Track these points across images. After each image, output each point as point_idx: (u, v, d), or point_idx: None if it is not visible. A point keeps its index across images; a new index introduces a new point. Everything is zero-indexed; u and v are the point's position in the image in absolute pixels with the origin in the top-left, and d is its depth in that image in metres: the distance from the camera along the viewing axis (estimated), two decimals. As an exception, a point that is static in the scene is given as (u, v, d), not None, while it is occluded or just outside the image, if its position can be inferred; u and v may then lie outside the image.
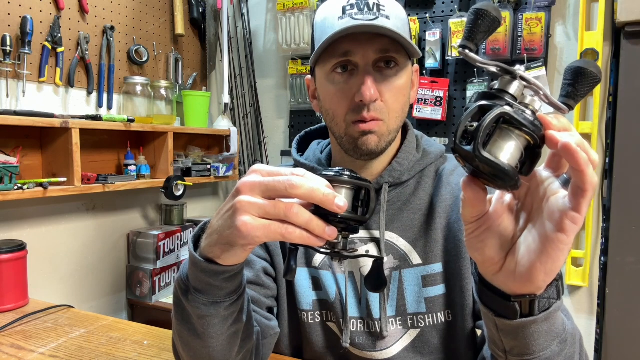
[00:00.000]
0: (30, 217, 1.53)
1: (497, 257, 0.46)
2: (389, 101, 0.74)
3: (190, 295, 0.57)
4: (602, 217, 1.64)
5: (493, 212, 0.46)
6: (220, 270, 0.54)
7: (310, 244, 0.48)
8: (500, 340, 0.50)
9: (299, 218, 0.46)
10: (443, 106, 1.84)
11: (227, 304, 0.58)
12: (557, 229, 0.40)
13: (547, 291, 0.46)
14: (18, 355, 0.98)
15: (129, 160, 1.75)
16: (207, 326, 0.59)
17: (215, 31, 2.28)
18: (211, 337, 0.60)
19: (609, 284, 1.55)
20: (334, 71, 0.74)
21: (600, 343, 1.61)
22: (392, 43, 0.72)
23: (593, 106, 1.62)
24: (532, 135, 0.39)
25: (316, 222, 0.47)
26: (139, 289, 1.83)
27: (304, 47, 2.07)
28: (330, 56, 0.73)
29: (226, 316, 0.59)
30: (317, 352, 0.82)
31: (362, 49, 0.71)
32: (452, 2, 1.81)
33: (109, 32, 1.75)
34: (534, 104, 0.41)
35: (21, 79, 1.48)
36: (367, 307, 0.79)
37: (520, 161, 0.40)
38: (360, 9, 0.71)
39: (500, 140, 0.39)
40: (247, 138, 2.25)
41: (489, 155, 0.37)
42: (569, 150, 0.38)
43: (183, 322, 0.61)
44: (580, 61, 0.42)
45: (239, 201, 0.48)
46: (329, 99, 0.76)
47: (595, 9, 1.62)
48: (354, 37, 0.71)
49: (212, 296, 0.57)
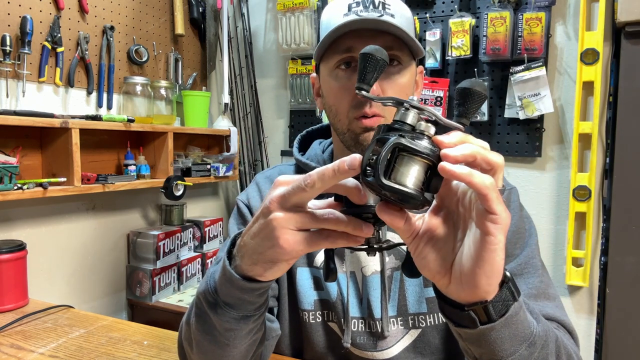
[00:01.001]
0: (30, 217, 1.53)
1: (442, 270, 0.47)
2: None
3: (219, 310, 0.57)
4: (602, 217, 1.64)
5: (427, 228, 0.48)
6: (257, 287, 0.54)
7: (351, 245, 0.48)
8: (468, 348, 0.51)
9: (337, 224, 0.46)
10: (443, 106, 1.84)
11: (256, 317, 0.59)
12: (483, 232, 0.42)
13: (499, 295, 0.47)
14: (18, 355, 0.98)
15: (129, 160, 1.75)
16: (232, 338, 0.59)
17: (215, 31, 2.28)
18: (234, 347, 0.60)
19: (609, 284, 1.55)
20: (337, 67, 0.75)
21: (600, 343, 1.61)
22: (395, 41, 0.72)
23: (593, 106, 1.62)
24: (428, 158, 0.42)
25: (353, 223, 0.47)
26: (139, 289, 1.83)
27: (304, 47, 2.07)
28: (334, 52, 0.74)
29: (252, 328, 0.59)
30: (317, 352, 0.81)
31: (365, 44, 0.72)
32: (452, 2, 1.81)
33: (108, 32, 1.75)
34: (429, 129, 0.45)
35: (21, 79, 1.47)
36: (368, 307, 0.79)
37: (424, 182, 0.43)
38: (366, 7, 0.71)
39: (401, 167, 0.43)
40: (247, 138, 2.25)
41: (390, 183, 0.41)
42: (446, 172, 0.41)
43: (205, 333, 0.61)
44: (467, 81, 0.46)
45: (274, 218, 0.47)
46: (332, 95, 0.77)
47: (595, 8, 1.62)
48: (358, 34, 0.72)
49: (243, 310, 0.57)
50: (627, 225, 1.51)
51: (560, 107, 1.72)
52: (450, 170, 0.41)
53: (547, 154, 1.75)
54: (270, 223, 0.48)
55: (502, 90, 1.76)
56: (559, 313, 0.72)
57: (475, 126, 1.82)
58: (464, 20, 1.74)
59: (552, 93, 1.70)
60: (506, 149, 1.78)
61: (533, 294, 0.74)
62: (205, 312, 0.59)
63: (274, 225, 0.47)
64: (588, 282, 1.67)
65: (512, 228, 0.78)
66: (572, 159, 1.67)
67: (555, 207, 1.75)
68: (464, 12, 1.77)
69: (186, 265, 1.93)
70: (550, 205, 1.76)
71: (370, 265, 0.80)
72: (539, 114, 1.68)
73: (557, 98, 1.72)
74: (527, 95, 1.68)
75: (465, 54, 1.75)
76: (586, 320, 1.71)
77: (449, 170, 0.41)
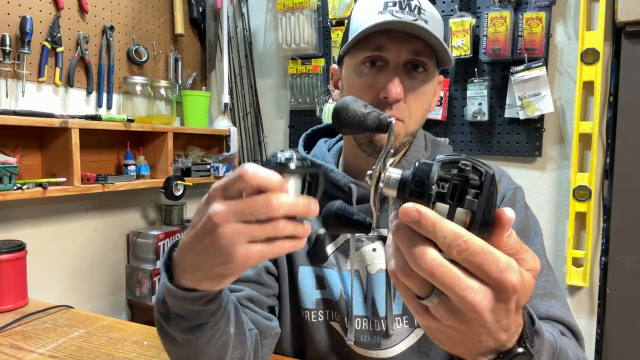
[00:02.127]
0: (30, 217, 1.53)
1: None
2: (411, 104, 0.74)
3: (171, 321, 0.56)
4: (602, 217, 1.64)
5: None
6: (200, 295, 0.52)
7: (296, 248, 0.47)
8: None
9: (286, 231, 0.45)
10: (443, 106, 1.84)
11: (212, 324, 0.56)
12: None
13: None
14: (17, 355, 0.98)
15: (129, 160, 1.75)
16: (193, 346, 0.58)
17: (215, 31, 2.27)
18: (199, 354, 0.59)
19: (610, 284, 1.55)
20: (363, 64, 0.74)
21: (601, 343, 1.61)
22: (426, 47, 0.72)
23: (593, 106, 1.62)
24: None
25: (300, 227, 0.46)
26: (139, 289, 1.83)
27: (304, 47, 2.07)
28: (364, 48, 0.73)
29: (212, 334, 0.57)
30: (320, 352, 0.81)
31: (396, 46, 0.72)
32: (452, 2, 1.81)
33: (108, 31, 1.75)
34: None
35: (21, 79, 1.47)
36: (372, 305, 0.79)
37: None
38: (402, 8, 0.71)
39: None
40: (247, 138, 2.25)
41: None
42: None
43: (168, 342, 0.60)
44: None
45: (224, 235, 0.44)
46: (353, 91, 0.76)
47: (595, 8, 1.62)
48: (390, 34, 0.71)
49: (194, 320, 0.55)
50: (627, 225, 1.51)
51: (561, 107, 1.72)
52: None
53: (547, 154, 1.75)
54: (219, 240, 0.44)
55: (502, 90, 1.76)
56: (565, 314, 0.72)
57: (475, 126, 1.82)
58: (464, 20, 1.74)
59: (552, 93, 1.70)
60: (506, 149, 1.78)
61: (539, 294, 0.74)
62: (161, 323, 0.58)
63: (224, 243, 0.44)
64: (588, 282, 1.66)
65: (517, 227, 0.78)
66: (572, 159, 1.67)
67: (555, 207, 1.75)
68: (464, 11, 1.76)
69: (186, 265, 1.93)
70: (550, 205, 1.76)
71: (376, 263, 0.80)
72: (539, 114, 1.68)
73: (557, 98, 1.72)
74: (527, 95, 1.68)
75: (466, 53, 1.74)
76: (586, 320, 1.71)
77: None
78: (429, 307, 0.39)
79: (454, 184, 0.38)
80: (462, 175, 0.38)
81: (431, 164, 0.39)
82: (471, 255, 0.36)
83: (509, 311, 0.38)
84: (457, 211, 0.38)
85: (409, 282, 0.39)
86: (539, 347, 0.46)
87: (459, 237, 0.36)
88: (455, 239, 0.36)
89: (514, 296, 0.37)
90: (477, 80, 1.77)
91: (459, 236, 0.36)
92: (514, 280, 0.36)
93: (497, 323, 0.38)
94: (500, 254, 0.37)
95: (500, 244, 0.38)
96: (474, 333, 0.39)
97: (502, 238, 0.38)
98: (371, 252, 0.80)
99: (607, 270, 1.56)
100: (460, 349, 0.42)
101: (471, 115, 1.78)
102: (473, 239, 0.36)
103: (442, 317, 0.39)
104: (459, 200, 0.38)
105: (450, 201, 0.38)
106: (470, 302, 0.36)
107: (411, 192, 0.39)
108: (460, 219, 0.38)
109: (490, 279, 0.36)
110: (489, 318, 0.37)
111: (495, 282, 0.36)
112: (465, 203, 0.37)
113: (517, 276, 0.36)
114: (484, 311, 0.36)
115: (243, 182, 0.44)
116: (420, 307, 0.40)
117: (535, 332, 0.46)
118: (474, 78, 1.78)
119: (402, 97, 0.72)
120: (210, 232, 0.45)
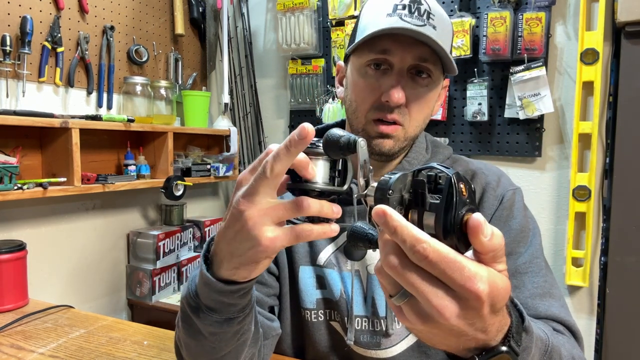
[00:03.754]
0: (30, 217, 1.53)
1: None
2: (412, 110, 0.74)
3: (201, 314, 0.56)
4: (602, 217, 1.64)
5: None
6: (237, 288, 0.53)
7: (326, 235, 0.48)
8: None
9: (309, 209, 0.46)
10: (443, 106, 1.84)
11: (240, 318, 0.58)
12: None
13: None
14: (18, 355, 0.98)
15: (129, 160, 1.75)
16: (218, 341, 0.58)
17: (215, 31, 2.28)
18: (221, 349, 0.60)
19: (609, 284, 1.55)
20: (368, 65, 0.74)
21: (601, 343, 1.61)
22: (432, 54, 0.72)
23: (593, 106, 1.62)
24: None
25: (324, 204, 0.47)
26: (139, 289, 1.83)
27: (304, 47, 2.07)
28: (369, 50, 0.73)
29: (238, 329, 0.59)
30: (319, 351, 0.81)
31: (401, 51, 0.72)
32: (452, 2, 1.81)
33: (108, 32, 1.75)
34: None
35: (21, 79, 1.47)
36: (372, 305, 0.79)
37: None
38: (411, 12, 0.70)
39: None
40: (247, 138, 2.25)
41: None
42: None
43: (192, 336, 0.60)
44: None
45: (249, 218, 0.46)
46: (356, 91, 0.77)
47: (595, 8, 1.62)
48: (396, 38, 0.71)
49: (225, 313, 0.56)
50: (627, 225, 1.51)
51: (560, 107, 1.72)
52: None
53: (547, 154, 1.75)
54: (246, 224, 0.46)
55: (502, 90, 1.76)
56: (564, 313, 0.73)
57: (475, 126, 1.82)
58: (464, 20, 1.74)
59: (552, 93, 1.70)
60: (506, 149, 1.78)
61: (538, 293, 0.74)
62: (188, 316, 0.59)
63: (251, 225, 0.46)
64: (588, 282, 1.67)
65: (516, 227, 0.78)
66: (572, 159, 1.67)
67: (555, 207, 1.75)
68: (464, 12, 1.77)
69: (186, 265, 1.93)
70: (550, 205, 1.76)
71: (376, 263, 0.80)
72: (539, 114, 1.68)
73: (557, 98, 1.72)
74: (527, 95, 1.68)
75: (465, 54, 1.75)
76: (586, 320, 1.71)
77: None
78: (401, 307, 0.40)
79: (414, 190, 0.40)
80: (418, 179, 0.40)
81: (395, 173, 0.42)
82: (432, 262, 0.36)
83: (482, 316, 0.38)
84: (425, 215, 0.39)
85: (381, 279, 0.41)
86: (528, 344, 0.47)
87: (418, 242, 0.36)
88: (415, 244, 0.36)
89: (484, 303, 0.37)
90: (477, 80, 1.77)
91: (418, 241, 0.36)
92: (479, 289, 0.36)
93: (470, 326, 0.38)
94: (467, 262, 0.36)
95: (483, 249, 0.37)
96: (450, 335, 0.39)
97: (481, 242, 0.37)
98: (371, 252, 0.80)
99: (606, 270, 1.56)
100: (442, 346, 0.42)
101: (471, 116, 1.78)
102: (435, 246, 0.36)
103: (412, 319, 0.39)
104: (422, 205, 0.39)
105: (416, 207, 0.40)
106: (435, 306, 0.36)
107: (375, 199, 0.42)
108: (427, 224, 0.39)
109: (455, 285, 0.36)
110: (458, 323, 0.37)
111: (460, 290, 0.36)
112: (428, 206, 0.39)
113: (484, 285, 0.36)
114: (450, 316, 0.37)
115: (272, 161, 0.45)
116: (395, 306, 0.41)
117: (524, 329, 0.46)
118: (474, 78, 1.78)
119: (403, 102, 0.72)
120: (238, 217, 0.47)
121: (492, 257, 0.38)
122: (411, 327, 0.41)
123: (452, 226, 0.37)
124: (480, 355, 0.41)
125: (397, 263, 0.37)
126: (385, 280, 0.40)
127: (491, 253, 0.38)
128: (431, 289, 0.37)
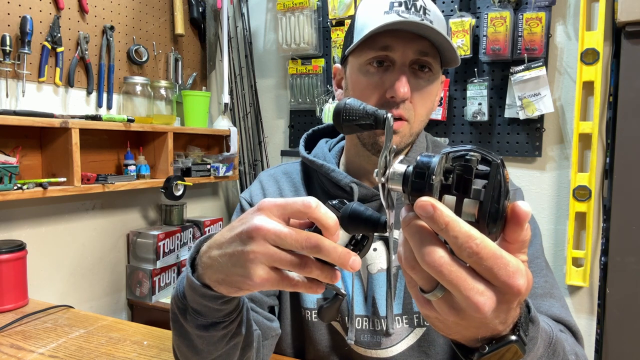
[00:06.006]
0: (30, 217, 1.53)
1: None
2: (417, 104, 0.75)
3: (188, 315, 0.57)
4: (602, 217, 1.64)
5: None
6: (220, 295, 0.53)
7: (312, 292, 0.48)
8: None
9: (311, 273, 0.46)
10: (443, 106, 1.84)
11: (226, 323, 0.57)
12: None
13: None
14: (18, 355, 0.98)
15: (129, 160, 1.75)
16: (206, 344, 0.58)
17: (215, 31, 2.28)
18: (210, 352, 0.60)
19: (609, 284, 1.55)
20: (369, 64, 0.74)
21: (601, 343, 1.61)
22: (431, 48, 0.72)
23: (593, 106, 1.62)
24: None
25: (327, 273, 0.46)
26: (139, 289, 1.83)
27: (304, 47, 2.07)
28: (369, 48, 0.73)
29: (225, 333, 0.58)
30: (320, 351, 0.81)
31: (402, 46, 0.72)
32: (452, 2, 1.81)
33: (108, 32, 1.75)
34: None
35: (21, 79, 1.47)
36: (373, 305, 0.79)
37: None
38: (408, 8, 0.71)
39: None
40: (247, 138, 2.25)
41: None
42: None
43: (181, 337, 0.60)
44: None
45: (253, 251, 0.45)
46: (359, 91, 0.76)
47: (595, 8, 1.62)
48: (396, 34, 0.71)
49: (211, 317, 0.56)
50: (627, 225, 1.51)
51: (561, 107, 1.72)
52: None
53: (547, 154, 1.75)
54: (247, 255, 0.46)
55: (502, 90, 1.76)
56: (565, 313, 0.73)
57: (475, 126, 1.82)
58: (464, 20, 1.74)
59: (552, 93, 1.70)
60: (506, 149, 1.78)
61: (539, 294, 0.74)
62: (177, 317, 0.59)
63: (251, 258, 0.45)
64: (588, 282, 1.67)
65: None
66: (572, 159, 1.67)
67: (555, 207, 1.75)
68: (464, 12, 1.77)
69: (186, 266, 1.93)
70: (550, 205, 1.76)
71: (377, 262, 0.80)
72: (539, 114, 1.68)
73: (557, 98, 1.72)
74: (527, 95, 1.68)
75: (465, 53, 1.74)
76: (586, 320, 1.71)
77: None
78: (432, 301, 0.39)
79: (457, 174, 0.36)
80: (466, 164, 0.36)
81: (433, 155, 0.38)
82: (481, 259, 0.35)
83: (510, 309, 0.38)
84: (465, 202, 0.36)
85: (414, 274, 0.39)
86: (534, 334, 0.47)
87: (471, 240, 0.35)
88: (467, 241, 0.35)
89: (520, 297, 0.37)
90: (477, 80, 1.77)
91: (471, 238, 0.35)
92: (521, 284, 0.36)
93: (496, 319, 0.38)
94: (510, 257, 0.36)
95: (517, 239, 0.37)
96: (472, 326, 0.39)
97: (520, 233, 0.37)
98: (372, 252, 0.80)
99: (607, 270, 1.56)
100: (457, 335, 0.42)
101: (471, 116, 1.78)
102: (485, 242, 0.35)
103: (443, 312, 0.39)
104: (464, 191, 0.36)
105: (456, 192, 0.36)
106: (474, 303, 0.36)
107: (412, 184, 0.38)
108: (468, 211, 0.36)
109: (498, 282, 0.36)
110: (490, 317, 0.37)
111: (503, 286, 0.36)
112: (472, 193, 0.36)
113: (524, 280, 0.36)
114: (487, 312, 0.36)
115: (303, 210, 0.45)
116: (423, 298, 0.40)
117: (530, 319, 0.46)
118: (474, 78, 1.78)
119: (409, 96, 0.72)
120: (244, 241, 0.46)
121: (519, 247, 0.38)
122: (435, 318, 0.40)
123: (500, 215, 0.36)
124: (490, 344, 0.41)
125: (439, 259, 0.36)
126: (418, 276, 0.39)
127: (521, 243, 0.37)
128: (473, 285, 0.36)
